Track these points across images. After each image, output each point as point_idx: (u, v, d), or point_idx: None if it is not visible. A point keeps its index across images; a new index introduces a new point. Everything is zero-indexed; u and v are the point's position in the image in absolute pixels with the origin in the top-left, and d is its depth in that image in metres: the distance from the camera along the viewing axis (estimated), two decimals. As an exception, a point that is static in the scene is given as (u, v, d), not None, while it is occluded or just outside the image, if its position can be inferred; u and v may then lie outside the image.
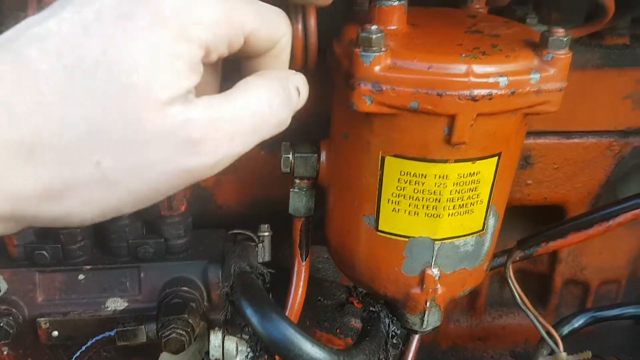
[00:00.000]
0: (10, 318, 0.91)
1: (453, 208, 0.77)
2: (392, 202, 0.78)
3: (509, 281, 1.03)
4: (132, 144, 0.42)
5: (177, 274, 0.98)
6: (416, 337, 0.95)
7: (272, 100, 0.50)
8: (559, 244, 1.10)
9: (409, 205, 0.77)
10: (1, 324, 0.90)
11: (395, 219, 0.79)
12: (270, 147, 1.02)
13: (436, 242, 0.81)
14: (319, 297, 1.11)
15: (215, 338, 0.97)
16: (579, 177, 1.13)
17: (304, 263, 0.97)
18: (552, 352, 1.01)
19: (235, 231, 1.00)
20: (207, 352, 0.98)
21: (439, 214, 0.77)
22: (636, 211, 0.93)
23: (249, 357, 0.97)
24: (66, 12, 0.42)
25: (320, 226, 0.97)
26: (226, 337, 0.99)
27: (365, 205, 0.80)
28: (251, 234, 0.99)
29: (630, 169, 1.15)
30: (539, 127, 1.06)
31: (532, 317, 1.01)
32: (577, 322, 1.09)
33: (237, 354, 0.99)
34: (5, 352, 0.98)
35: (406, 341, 0.95)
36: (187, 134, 0.43)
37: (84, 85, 0.40)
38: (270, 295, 0.86)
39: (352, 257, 0.87)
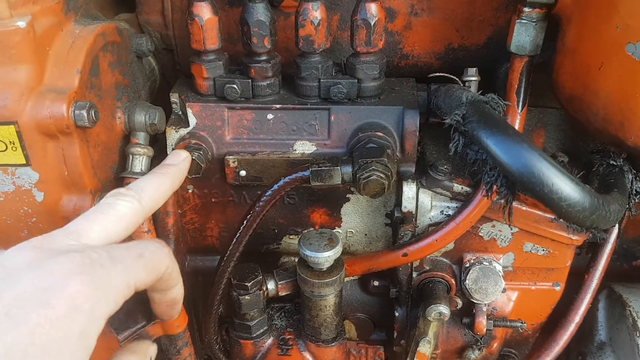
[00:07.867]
0: (201, 152, 0.88)
1: None
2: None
3: None
4: None
5: (370, 119, 0.89)
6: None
7: None
8: None
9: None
10: (194, 157, 0.87)
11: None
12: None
13: None
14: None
15: (409, 189, 0.90)
16: None
17: (520, 112, 0.85)
18: None
19: (435, 74, 0.88)
20: (397, 205, 0.91)
21: None
22: None
23: (447, 209, 0.89)
24: None
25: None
26: (421, 189, 0.91)
27: (636, 29, 0.65)
28: (455, 78, 0.87)
29: None
30: None
31: None
32: None
33: (431, 208, 0.92)
34: (190, 191, 0.97)
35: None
36: None
37: None
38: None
39: (597, 100, 0.74)
